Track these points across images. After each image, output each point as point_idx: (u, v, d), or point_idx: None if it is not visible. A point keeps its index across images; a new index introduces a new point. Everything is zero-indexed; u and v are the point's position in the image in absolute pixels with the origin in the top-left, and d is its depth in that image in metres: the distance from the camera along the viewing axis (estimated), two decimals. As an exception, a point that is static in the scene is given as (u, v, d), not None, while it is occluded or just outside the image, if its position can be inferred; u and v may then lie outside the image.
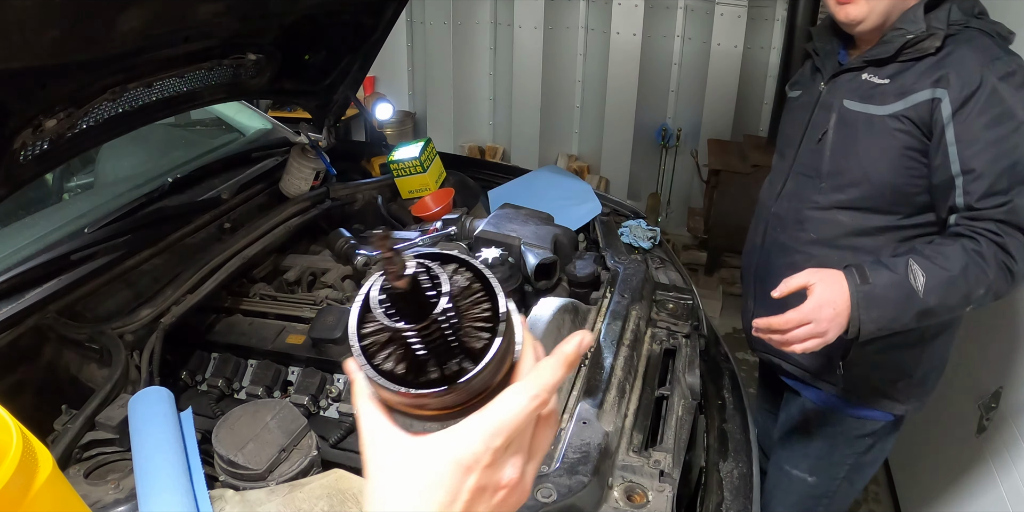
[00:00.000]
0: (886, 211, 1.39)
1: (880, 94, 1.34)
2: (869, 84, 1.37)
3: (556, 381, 0.42)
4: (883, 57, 1.34)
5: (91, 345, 1.37)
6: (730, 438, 1.43)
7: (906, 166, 1.32)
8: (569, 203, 2.09)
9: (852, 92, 1.40)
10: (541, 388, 0.42)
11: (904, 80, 1.32)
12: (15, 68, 1.00)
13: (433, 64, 4.73)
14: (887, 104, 1.33)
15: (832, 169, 1.42)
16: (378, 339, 0.41)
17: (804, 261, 1.46)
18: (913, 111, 1.29)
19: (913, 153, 1.31)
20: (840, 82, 1.44)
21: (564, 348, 0.44)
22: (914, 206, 1.36)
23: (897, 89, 1.32)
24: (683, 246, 4.25)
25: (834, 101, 1.43)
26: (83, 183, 2.22)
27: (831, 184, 1.43)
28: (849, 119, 1.39)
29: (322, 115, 2.08)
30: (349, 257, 1.81)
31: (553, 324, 1.38)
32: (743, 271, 1.75)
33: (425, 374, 0.41)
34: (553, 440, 0.42)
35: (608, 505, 1.08)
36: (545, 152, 4.72)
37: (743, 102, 4.21)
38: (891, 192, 1.36)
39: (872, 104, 1.35)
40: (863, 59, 1.38)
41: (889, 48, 1.33)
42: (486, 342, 0.41)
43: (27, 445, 0.67)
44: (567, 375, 0.44)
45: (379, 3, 1.83)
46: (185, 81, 1.55)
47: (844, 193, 1.41)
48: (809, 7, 3.48)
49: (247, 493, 1.07)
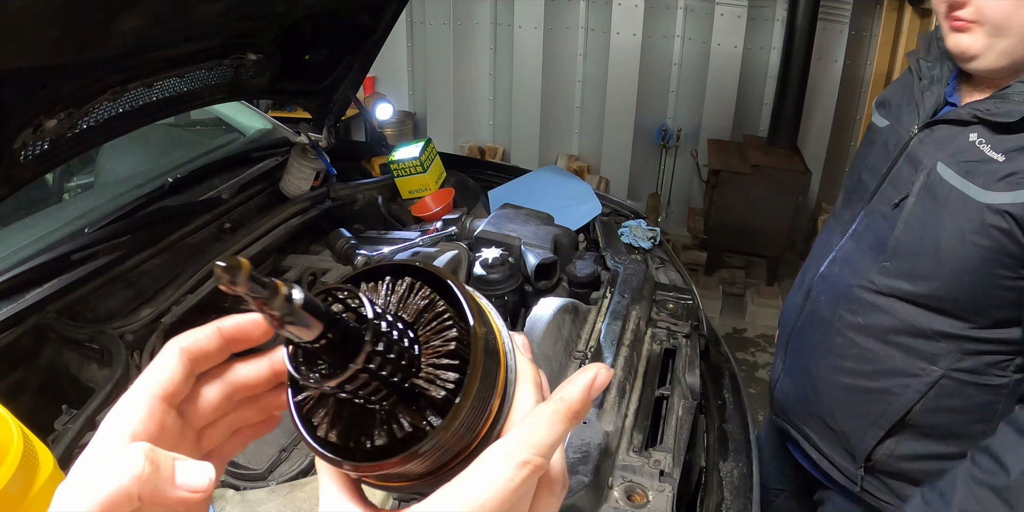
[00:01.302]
0: (955, 316, 1.11)
1: (987, 172, 1.01)
2: (976, 152, 1.03)
3: (555, 439, 0.30)
4: (1004, 121, 1.00)
5: (91, 345, 1.37)
6: (730, 438, 1.43)
7: (996, 273, 1.03)
8: (569, 203, 2.09)
9: (952, 156, 1.06)
10: (532, 451, 0.29)
11: (1023, 163, 0.98)
12: (15, 68, 1.00)
13: (433, 64, 4.73)
14: (992, 190, 1.00)
15: (901, 248, 1.13)
16: (311, 395, 0.32)
17: (843, 347, 1.25)
18: (1022, 209, 0.97)
19: (1007, 259, 1.01)
20: (938, 133, 1.10)
21: (566, 391, 0.31)
22: (992, 319, 1.09)
23: (1012, 171, 0.99)
24: (683, 246, 4.26)
25: (925, 158, 1.10)
26: (83, 183, 2.22)
27: (896, 266, 1.14)
28: (940, 192, 1.06)
29: (322, 115, 2.08)
30: (349, 257, 1.81)
31: (553, 324, 1.38)
32: (780, 324, 1.52)
33: (368, 438, 0.30)
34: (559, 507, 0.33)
35: (608, 505, 1.08)
36: (545, 152, 4.72)
37: (743, 102, 4.22)
38: (967, 297, 1.08)
39: (973, 183, 1.02)
40: (975, 112, 1.03)
41: (1013, 110, 0.98)
42: (452, 385, 0.30)
43: (28, 445, 0.67)
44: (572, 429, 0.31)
45: (379, 3, 1.83)
46: (185, 81, 1.55)
47: (910, 283, 1.13)
48: (809, 7, 3.49)
49: (248, 493, 1.07)
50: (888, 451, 1.25)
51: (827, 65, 3.96)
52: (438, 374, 0.30)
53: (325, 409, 0.32)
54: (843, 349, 1.25)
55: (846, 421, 1.30)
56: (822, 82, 3.96)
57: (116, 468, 0.28)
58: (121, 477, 0.27)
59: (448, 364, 0.30)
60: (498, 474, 0.29)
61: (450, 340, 0.30)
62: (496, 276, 1.59)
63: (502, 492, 0.29)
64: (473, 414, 0.30)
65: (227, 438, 0.38)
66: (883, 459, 1.26)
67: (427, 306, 0.31)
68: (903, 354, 1.17)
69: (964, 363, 1.13)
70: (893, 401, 1.20)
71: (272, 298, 0.26)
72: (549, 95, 4.56)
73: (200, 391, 0.35)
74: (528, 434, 0.30)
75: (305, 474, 1.15)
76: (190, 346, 0.34)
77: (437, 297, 0.32)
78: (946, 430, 1.20)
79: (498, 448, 0.30)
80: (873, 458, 1.27)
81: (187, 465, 0.30)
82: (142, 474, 0.28)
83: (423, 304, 0.31)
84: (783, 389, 1.48)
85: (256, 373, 0.37)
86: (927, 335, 1.14)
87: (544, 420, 0.30)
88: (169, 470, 0.29)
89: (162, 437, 0.32)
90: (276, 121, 2.40)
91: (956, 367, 1.13)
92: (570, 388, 0.31)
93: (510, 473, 0.29)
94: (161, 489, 0.28)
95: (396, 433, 0.30)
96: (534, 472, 0.29)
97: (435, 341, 0.31)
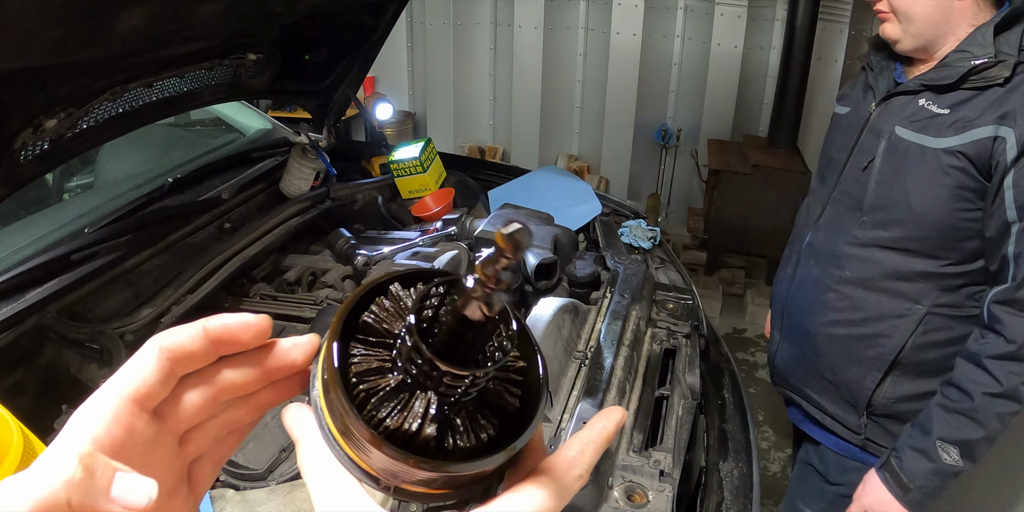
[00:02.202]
0: (930, 255, 1.27)
1: (937, 124, 1.21)
2: (926, 112, 1.24)
3: (595, 460, 0.37)
4: (944, 83, 1.21)
5: (91, 345, 1.37)
6: (730, 438, 1.43)
7: (958, 207, 1.21)
8: (569, 203, 2.09)
9: (906, 118, 1.27)
10: (585, 468, 0.36)
11: (965, 111, 1.18)
12: (15, 68, 1.00)
13: (433, 64, 4.73)
14: (943, 137, 1.20)
15: (876, 202, 1.31)
16: (380, 382, 0.30)
17: (837, 300, 1.39)
18: (971, 148, 1.16)
19: (967, 193, 1.19)
20: (893, 105, 1.31)
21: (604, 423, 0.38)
22: (962, 252, 1.25)
23: (956, 121, 1.19)
24: (683, 246, 4.26)
25: (884, 126, 1.30)
26: (83, 183, 2.22)
27: (873, 219, 1.32)
28: (900, 149, 1.26)
29: (322, 115, 2.09)
30: (349, 257, 1.81)
31: (553, 324, 1.38)
32: (772, 300, 1.67)
33: (446, 440, 0.31)
34: None
35: (608, 505, 1.08)
36: (545, 152, 4.72)
37: (743, 102, 4.21)
38: (939, 234, 1.25)
39: (927, 135, 1.22)
40: (921, 81, 1.25)
41: (951, 73, 1.19)
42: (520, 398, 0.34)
43: (28, 444, 0.67)
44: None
45: (379, 3, 1.83)
46: (185, 81, 1.55)
47: (887, 230, 1.30)
48: (809, 7, 3.49)
49: (248, 493, 1.07)
50: (886, 394, 1.38)
51: (827, 65, 3.96)
52: (507, 387, 0.33)
53: (396, 402, 0.30)
54: (835, 303, 1.39)
55: (845, 370, 1.42)
56: (822, 82, 3.96)
57: (48, 471, 0.26)
58: (52, 481, 0.25)
59: (514, 379, 0.34)
60: (565, 485, 0.35)
61: (517, 358, 0.34)
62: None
63: (562, 500, 0.34)
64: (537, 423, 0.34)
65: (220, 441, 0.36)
66: (882, 403, 1.39)
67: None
68: (889, 298, 1.33)
69: (944, 299, 1.30)
70: (886, 343, 1.35)
71: (508, 270, 0.28)
72: (549, 95, 4.56)
73: (181, 393, 0.33)
74: (581, 454, 0.36)
75: (305, 474, 1.15)
76: (171, 345, 0.32)
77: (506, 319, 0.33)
78: (936, 366, 1.33)
79: (563, 464, 0.35)
80: (873, 403, 1.40)
81: (127, 478, 0.27)
82: (72, 479, 0.26)
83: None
84: (783, 356, 1.59)
85: (244, 374, 0.34)
86: (908, 277, 1.30)
87: (591, 445, 0.37)
88: (105, 480, 0.27)
89: (130, 442, 0.30)
90: (276, 121, 2.40)
91: (938, 303, 1.30)
92: (607, 422, 0.38)
93: (570, 484, 0.35)
94: (92, 499, 0.26)
95: (483, 435, 0.31)
96: (582, 485, 0.36)
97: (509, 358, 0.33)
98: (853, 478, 1.51)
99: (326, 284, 1.81)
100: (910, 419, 1.38)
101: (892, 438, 1.42)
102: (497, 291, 0.28)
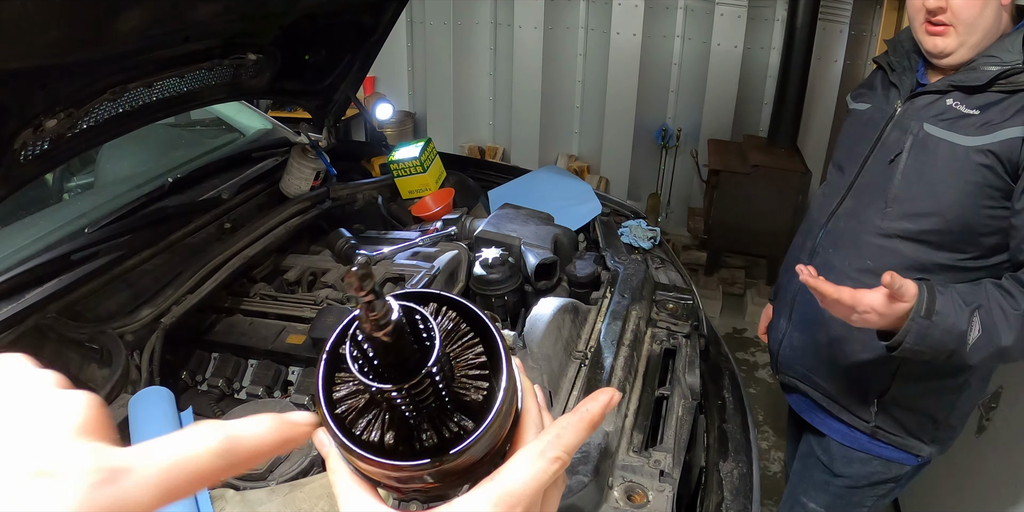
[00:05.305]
0: (952, 248, 1.31)
1: (967, 124, 1.26)
2: (954, 111, 1.28)
3: (578, 442, 0.37)
4: (974, 85, 1.26)
5: (91, 345, 1.37)
6: (730, 438, 1.43)
7: (983, 204, 1.25)
8: (569, 203, 2.09)
9: (934, 116, 1.31)
10: (562, 450, 0.36)
11: (994, 113, 1.24)
12: (15, 68, 1.00)
13: (433, 64, 4.73)
14: (973, 136, 1.25)
15: (901, 194, 1.34)
16: (354, 404, 0.34)
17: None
18: (1000, 147, 1.21)
19: (992, 191, 1.24)
20: (920, 103, 1.35)
21: (589, 406, 0.38)
22: (982, 247, 1.29)
23: (986, 122, 1.24)
24: (683, 246, 4.26)
25: (912, 123, 1.34)
26: (83, 183, 2.22)
27: (898, 210, 1.35)
28: (929, 145, 1.30)
29: (322, 115, 2.09)
30: (349, 257, 1.81)
31: (553, 324, 1.38)
32: (780, 287, 1.68)
33: (417, 441, 0.34)
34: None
35: (608, 505, 1.08)
36: (545, 152, 4.72)
37: (743, 102, 4.22)
38: (961, 229, 1.28)
39: (957, 133, 1.27)
40: (950, 82, 1.30)
41: (980, 76, 1.25)
42: (485, 392, 0.35)
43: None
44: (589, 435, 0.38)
45: (379, 3, 1.83)
46: (185, 81, 1.55)
47: (911, 222, 1.33)
48: (809, 7, 3.49)
49: (247, 493, 1.07)
50: (900, 382, 1.40)
51: (827, 65, 3.96)
52: (472, 383, 0.35)
53: (368, 417, 0.34)
54: None
55: (860, 357, 1.44)
56: (822, 82, 3.96)
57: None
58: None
59: (477, 374, 0.35)
60: (537, 467, 0.35)
61: (478, 355, 0.36)
62: (496, 276, 1.59)
63: (538, 482, 0.35)
64: (503, 416, 0.35)
65: None
66: (895, 391, 1.41)
67: (453, 327, 0.37)
68: None
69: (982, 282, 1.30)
70: None
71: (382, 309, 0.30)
72: (549, 95, 4.56)
73: None
74: (559, 435, 0.36)
75: (305, 474, 1.15)
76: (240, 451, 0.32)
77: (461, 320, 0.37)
78: None
79: (535, 446, 0.36)
80: (886, 391, 1.42)
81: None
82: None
83: (450, 326, 0.37)
84: (791, 344, 1.59)
85: None
86: (928, 269, 1.33)
87: (572, 426, 0.37)
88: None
89: None
90: (276, 121, 2.40)
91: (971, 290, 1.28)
92: (592, 404, 0.38)
93: (545, 466, 0.35)
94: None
95: (442, 434, 0.34)
96: (561, 467, 0.35)
97: (467, 355, 0.36)
98: (858, 469, 1.54)
99: (326, 284, 1.80)
100: (920, 407, 1.42)
101: (901, 426, 1.45)
102: (379, 321, 0.30)
